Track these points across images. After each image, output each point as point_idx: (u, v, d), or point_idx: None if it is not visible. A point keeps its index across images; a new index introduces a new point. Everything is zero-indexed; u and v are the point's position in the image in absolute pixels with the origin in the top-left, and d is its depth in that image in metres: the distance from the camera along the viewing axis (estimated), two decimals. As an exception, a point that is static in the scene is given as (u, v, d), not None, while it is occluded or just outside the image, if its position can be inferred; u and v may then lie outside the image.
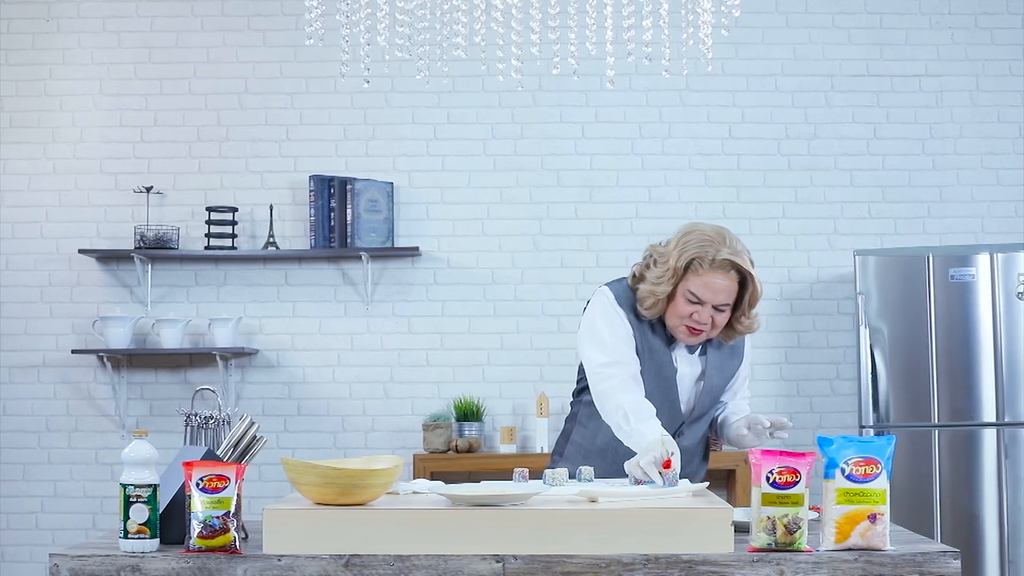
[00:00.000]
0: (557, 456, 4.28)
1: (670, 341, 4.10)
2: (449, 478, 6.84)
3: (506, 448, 7.01)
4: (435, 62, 4.72)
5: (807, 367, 7.20)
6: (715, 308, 3.98)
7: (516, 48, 4.34)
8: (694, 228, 4.04)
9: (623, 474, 3.79)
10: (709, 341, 4.14)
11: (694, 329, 4.01)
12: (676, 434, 4.08)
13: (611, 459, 4.06)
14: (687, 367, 4.13)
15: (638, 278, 4.09)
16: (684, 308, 3.99)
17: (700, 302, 3.97)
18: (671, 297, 4.00)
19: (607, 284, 4.19)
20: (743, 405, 4.30)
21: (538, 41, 4.47)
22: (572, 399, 4.33)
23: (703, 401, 4.15)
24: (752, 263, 4.01)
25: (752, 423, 4.06)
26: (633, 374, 4.01)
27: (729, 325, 4.08)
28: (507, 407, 7.15)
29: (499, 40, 4.62)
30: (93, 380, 7.25)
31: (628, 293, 4.11)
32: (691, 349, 4.14)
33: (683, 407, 4.13)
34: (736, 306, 4.04)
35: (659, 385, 4.07)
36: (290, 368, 7.24)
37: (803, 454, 3.07)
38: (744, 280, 4.00)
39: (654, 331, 4.09)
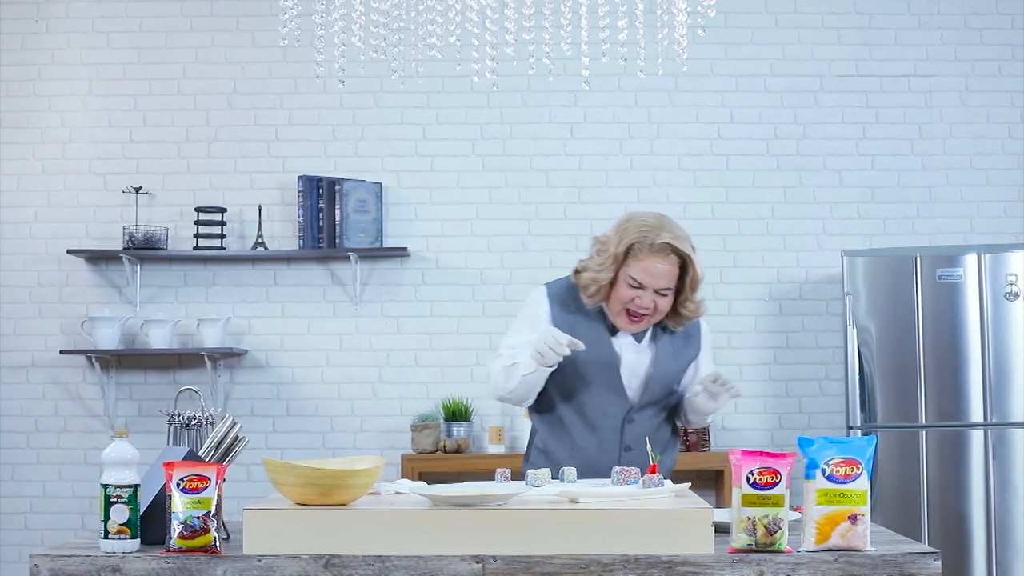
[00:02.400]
0: (524, 462, 4.36)
1: (615, 330, 4.17)
2: (437, 478, 6.84)
3: (494, 448, 7.01)
4: (411, 63, 4.71)
5: (796, 367, 7.20)
6: (657, 292, 4.07)
7: (492, 49, 4.34)
8: (633, 216, 4.15)
9: (595, 471, 3.92)
10: (662, 329, 4.20)
11: (633, 315, 4.10)
12: (626, 420, 4.16)
13: (564, 456, 4.18)
14: (633, 355, 4.19)
15: (581, 270, 4.18)
16: (626, 293, 4.07)
17: (641, 287, 4.06)
18: (613, 283, 4.10)
19: (547, 282, 4.31)
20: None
21: (513, 42, 4.46)
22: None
23: (653, 388, 4.20)
24: (693, 248, 4.10)
25: (701, 381, 4.16)
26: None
27: (675, 310, 4.17)
28: (495, 407, 7.14)
29: (475, 41, 4.62)
30: (82, 380, 7.24)
31: (564, 289, 4.23)
32: (638, 337, 4.21)
33: (630, 394, 4.19)
34: (679, 291, 4.13)
35: (600, 373, 4.15)
36: (279, 368, 7.23)
37: (783, 455, 3.08)
38: (685, 264, 4.09)
39: (593, 322, 4.17)
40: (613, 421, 4.17)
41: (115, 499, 3.14)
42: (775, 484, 3.05)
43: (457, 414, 7.03)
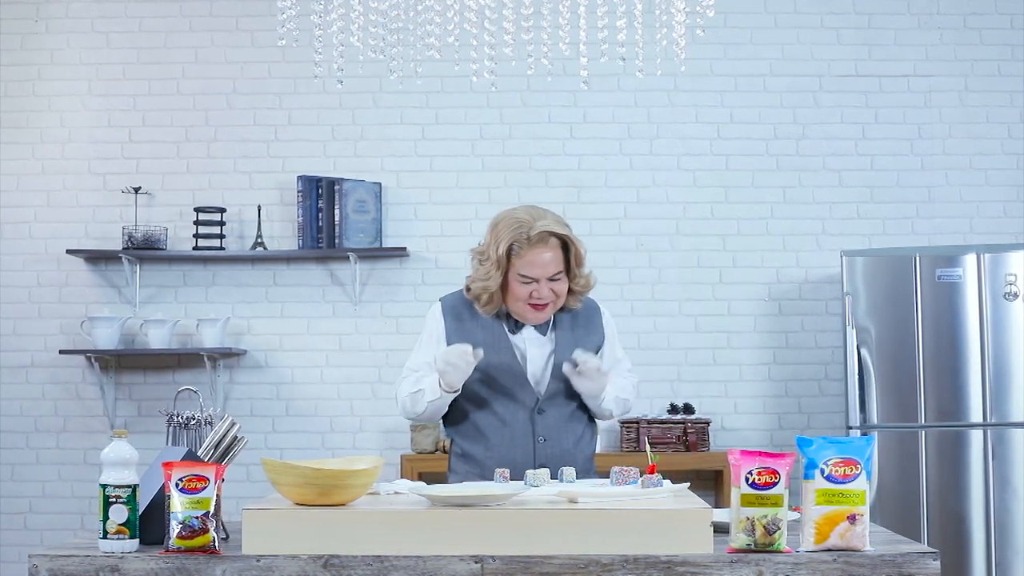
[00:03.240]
0: (448, 472, 4.40)
1: (516, 329, 4.23)
2: (437, 479, 6.84)
3: (494, 448, 7.00)
4: (409, 63, 4.71)
5: (795, 367, 7.20)
6: (550, 280, 4.13)
7: (490, 49, 4.34)
8: (501, 216, 4.21)
9: (512, 465, 3.98)
10: (565, 312, 4.27)
11: (538, 305, 4.15)
12: (535, 411, 4.21)
13: (482, 454, 4.22)
14: (536, 348, 4.25)
15: (469, 284, 4.25)
16: (521, 291, 4.14)
17: (534, 280, 4.11)
18: (504, 287, 4.16)
19: (442, 297, 4.40)
20: (622, 382, 4.41)
21: (512, 42, 4.47)
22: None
23: (558, 376, 4.23)
24: (567, 225, 4.17)
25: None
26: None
27: (568, 289, 4.22)
28: (495, 407, 7.13)
29: (473, 41, 4.62)
30: (81, 380, 7.24)
31: (458, 301, 4.30)
32: (541, 330, 4.26)
33: (535, 386, 4.22)
34: (567, 270, 4.18)
35: (504, 372, 4.20)
36: (278, 368, 7.23)
37: (782, 455, 3.08)
38: (565, 244, 4.14)
39: (489, 326, 4.23)
40: (524, 414, 4.21)
41: (114, 499, 3.14)
42: (774, 484, 3.05)
43: (456, 414, 7.02)
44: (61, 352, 7.08)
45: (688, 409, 6.97)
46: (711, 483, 7.10)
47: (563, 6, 4.56)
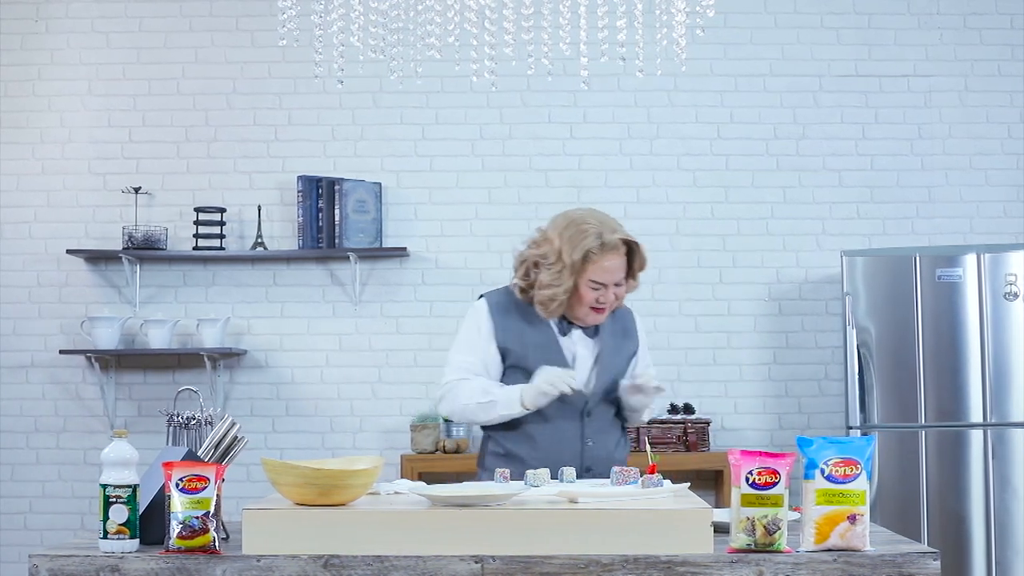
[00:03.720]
0: (480, 469, 4.36)
1: (566, 329, 4.25)
2: (437, 479, 6.84)
3: (494, 448, 7.01)
4: (409, 63, 4.71)
5: (795, 367, 7.20)
6: (615, 285, 4.18)
7: (490, 49, 4.34)
8: (569, 219, 4.21)
9: (558, 467, 3.93)
10: (603, 322, 4.29)
11: (600, 309, 4.19)
12: (584, 413, 4.23)
13: (527, 454, 4.20)
14: (584, 350, 4.27)
15: (527, 287, 4.24)
16: (590, 296, 4.17)
17: (603, 285, 4.15)
18: (572, 290, 4.16)
19: (485, 294, 4.39)
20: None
21: (512, 42, 4.47)
22: None
23: (602, 380, 4.26)
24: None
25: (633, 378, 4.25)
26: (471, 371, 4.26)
27: None
28: (495, 407, 7.14)
29: (473, 41, 4.62)
30: (81, 380, 7.24)
31: (504, 298, 4.30)
32: (587, 332, 4.27)
33: (583, 389, 4.23)
34: (628, 274, 4.24)
35: None
36: (278, 368, 7.23)
37: (782, 455, 3.07)
38: (630, 251, 4.20)
39: (539, 326, 4.23)
40: (572, 416, 4.22)
41: (114, 499, 3.13)
42: (774, 484, 3.05)
43: (456, 414, 7.02)
44: (61, 352, 7.08)
45: (688, 409, 6.97)
46: (711, 483, 7.10)
47: (563, 6, 4.56)
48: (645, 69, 4.69)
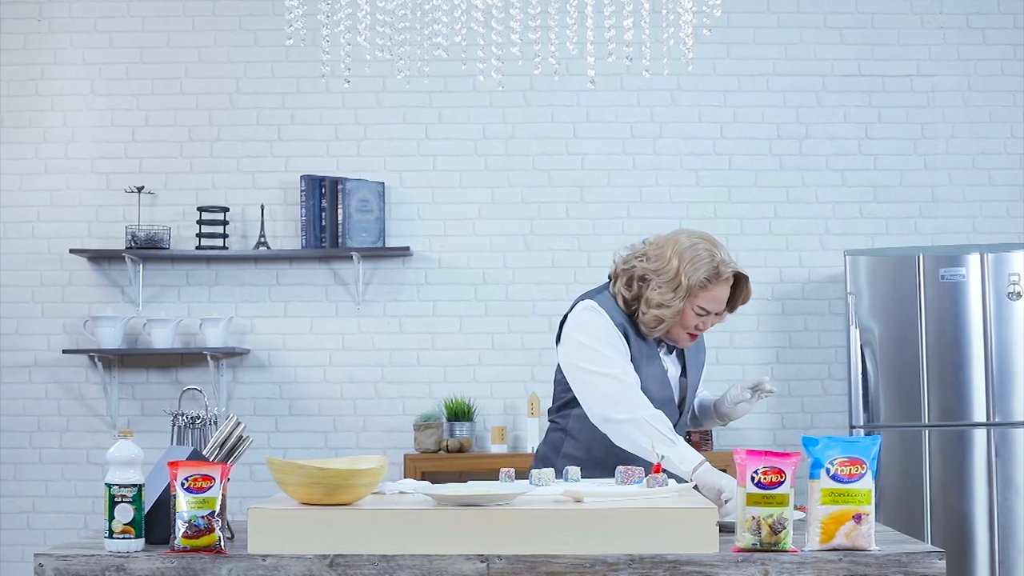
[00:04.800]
0: (543, 467, 4.27)
1: (659, 343, 4.15)
2: (440, 478, 6.84)
3: (497, 448, 7.01)
4: (416, 63, 4.71)
5: (798, 367, 7.20)
6: (715, 315, 4.09)
7: (497, 48, 4.34)
8: (688, 241, 4.03)
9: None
10: None
11: (695, 335, 4.12)
12: (676, 427, 4.12)
13: (609, 469, 4.04)
14: (672, 366, 4.18)
15: (631, 299, 4.07)
16: (692, 320, 4.05)
17: (708, 313, 4.05)
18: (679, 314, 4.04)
19: (590, 297, 4.16)
20: (703, 392, 4.49)
21: (519, 41, 4.47)
22: (554, 413, 4.27)
23: (688, 396, 4.21)
24: None
25: (751, 386, 4.21)
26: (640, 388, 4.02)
27: None
28: (498, 407, 7.15)
29: (480, 40, 4.63)
30: (84, 380, 7.24)
31: (612, 309, 4.09)
32: (669, 349, 4.18)
33: (677, 405, 4.18)
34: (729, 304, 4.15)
35: (659, 388, 4.10)
36: (281, 368, 7.23)
37: (788, 454, 3.07)
38: (736, 282, 4.09)
39: (644, 339, 4.10)
40: None
41: (120, 499, 3.13)
42: (780, 483, 3.05)
43: (460, 414, 7.03)
44: (64, 352, 7.08)
45: (691, 409, 6.96)
46: (714, 483, 7.09)
47: (570, 6, 4.56)
48: (652, 68, 4.69)
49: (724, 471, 3.78)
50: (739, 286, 4.11)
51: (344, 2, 4.51)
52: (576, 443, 4.21)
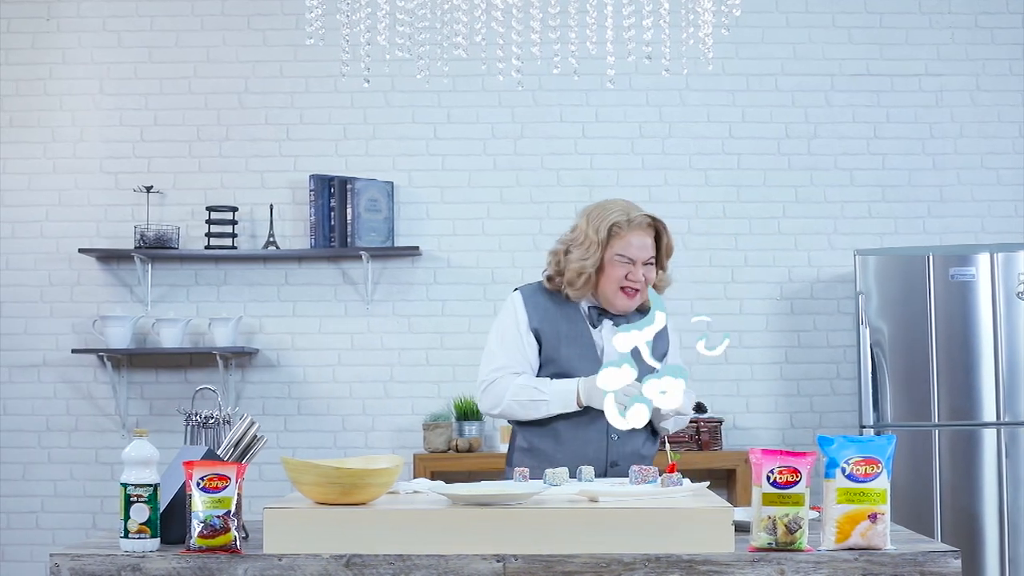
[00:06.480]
0: (507, 466, 4.35)
1: (596, 321, 4.28)
2: (449, 478, 6.83)
3: (506, 447, 7.00)
4: (435, 62, 4.72)
5: (807, 367, 7.20)
6: (644, 264, 4.23)
7: (516, 48, 4.36)
8: (594, 206, 4.33)
9: (583, 462, 3.98)
10: (635, 320, 4.21)
11: (629, 290, 4.23)
12: None
13: (552, 449, 4.20)
14: (610, 345, 4.23)
15: (556, 274, 4.28)
16: (618, 271, 4.22)
17: (631, 261, 4.21)
18: (600, 269, 4.21)
19: (519, 287, 4.40)
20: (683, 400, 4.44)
21: (538, 41, 4.48)
22: None
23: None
24: None
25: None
26: (518, 375, 4.24)
27: None
28: (507, 406, 7.14)
29: (499, 40, 4.63)
30: (93, 380, 7.24)
31: (537, 291, 4.32)
32: (617, 322, 4.26)
33: None
34: (656, 260, 4.31)
35: (584, 367, 4.21)
36: (290, 368, 7.23)
37: (804, 454, 3.07)
38: (658, 234, 4.30)
39: (572, 318, 4.25)
40: (599, 410, 4.16)
41: (135, 498, 3.14)
42: (795, 483, 3.05)
43: (469, 413, 7.03)
44: (73, 351, 7.08)
45: (700, 408, 6.96)
46: (724, 482, 7.09)
47: (590, 5, 4.59)
48: (671, 68, 4.70)
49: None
50: (660, 238, 4.30)
51: (364, 1, 4.51)
52: (521, 436, 4.37)
